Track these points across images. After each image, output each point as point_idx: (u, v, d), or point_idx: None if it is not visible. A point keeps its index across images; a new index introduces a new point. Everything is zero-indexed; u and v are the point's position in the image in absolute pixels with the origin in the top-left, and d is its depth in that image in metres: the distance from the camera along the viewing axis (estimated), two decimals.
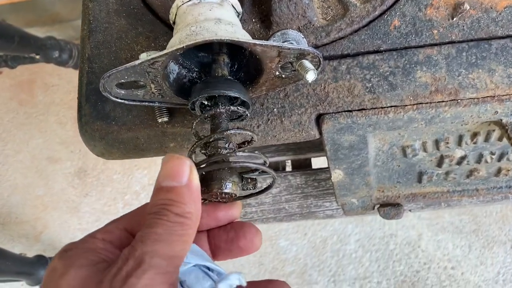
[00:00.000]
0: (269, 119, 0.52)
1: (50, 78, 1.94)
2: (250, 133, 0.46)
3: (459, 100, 0.49)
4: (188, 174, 0.37)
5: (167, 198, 0.36)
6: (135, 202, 1.73)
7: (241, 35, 0.45)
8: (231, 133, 0.43)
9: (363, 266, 1.58)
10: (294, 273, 1.60)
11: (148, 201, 0.38)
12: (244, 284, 0.36)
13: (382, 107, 0.50)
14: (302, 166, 0.81)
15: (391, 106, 0.50)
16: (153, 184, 0.41)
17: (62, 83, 1.93)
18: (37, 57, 1.64)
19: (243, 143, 0.49)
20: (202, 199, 0.39)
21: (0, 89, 1.96)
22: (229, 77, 0.48)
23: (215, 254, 0.44)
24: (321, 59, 0.45)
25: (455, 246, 1.56)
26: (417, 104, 0.50)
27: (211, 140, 0.44)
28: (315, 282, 1.58)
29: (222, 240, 0.44)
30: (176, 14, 0.50)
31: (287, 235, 1.65)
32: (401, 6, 0.53)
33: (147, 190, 1.73)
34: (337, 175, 0.60)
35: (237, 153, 0.43)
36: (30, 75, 1.94)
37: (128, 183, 1.77)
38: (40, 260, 1.36)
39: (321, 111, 0.51)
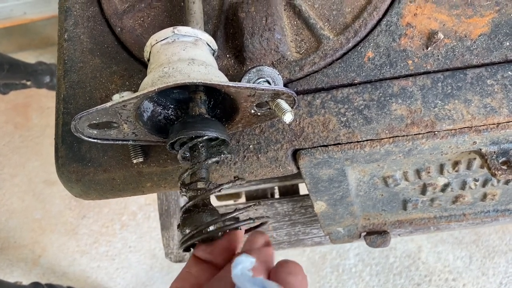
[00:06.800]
0: (245, 156, 0.52)
1: (45, 101, 1.94)
2: (244, 183, 0.46)
3: (436, 132, 0.48)
4: None
5: None
6: (132, 223, 1.72)
7: (215, 76, 0.45)
8: (225, 188, 0.43)
9: (363, 280, 1.56)
10: None
11: (145, 222, 0.39)
12: None
13: (357, 141, 0.49)
14: (290, 192, 0.80)
15: (367, 140, 0.49)
16: (150, 204, 0.40)
17: None
18: (28, 83, 1.64)
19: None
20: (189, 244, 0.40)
21: None
22: (206, 116, 0.47)
23: None
24: (296, 99, 0.44)
25: (456, 257, 1.54)
26: (393, 137, 0.49)
27: (205, 196, 0.43)
28: None
29: None
30: (150, 52, 0.50)
31: (285, 252, 1.63)
32: (375, 37, 0.52)
33: (144, 210, 1.73)
34: (319, 206, 0.59)
35: (241, 213, 0.42)
36: (25, 98, 1.95)
37: (125, 203, 1.76)
38: None
39: (297, 147, 0.51)
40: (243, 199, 0.88)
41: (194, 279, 0.39)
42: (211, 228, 0.41)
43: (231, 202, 0.88)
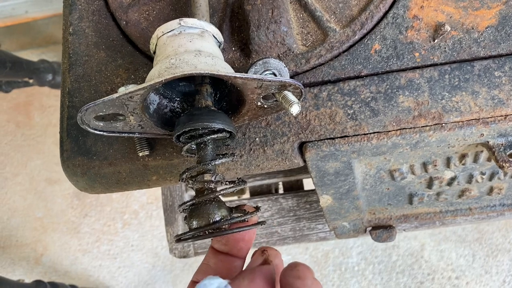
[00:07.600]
0: (251, 149, 0.52)
1: (47, 99, 1.94)
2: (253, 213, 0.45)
3: (443, 124, 0.48)
4: None
5: None
6: (134, 222, 1.72)
7: (221, 68, 0.45)
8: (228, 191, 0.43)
9: (366, 279, 1.56)
10: None
11: (147, 221, 0.38)
12: None
13: (364, 134, 0.49)
14: (294, 187, 0.80)
15: (374, 133, 0.49)
16: (151, 202, 0.40)
17: (59, 104, 1.93)
18: (31, 81, 1.64)
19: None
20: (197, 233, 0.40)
21: None
22: (212, 108, 0.47)
23: None
24: (302, 90, 0.44)
25: (459, 256, 1.54)
26: (400, 129, 0.49)
27: (212, 189, 0.43)
28: None
29: None
30: (156, 45, 0.49)
31: (288, 250, 1.63)
32: (381, 30, 0.52)
33: (146, 209, 1.72)
34: (325, 200, 0.59)
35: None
36: (27, 97, 1.95)
37: (127, 202, 1.76)
38: (39, 286, 1.35)
39: (303, 139, 0.50)
40: (247, 195, 0.88)
41: (213, 271, 0.40)
42: (218, 219, 0.41)
43: (235, 198, 0.88)
